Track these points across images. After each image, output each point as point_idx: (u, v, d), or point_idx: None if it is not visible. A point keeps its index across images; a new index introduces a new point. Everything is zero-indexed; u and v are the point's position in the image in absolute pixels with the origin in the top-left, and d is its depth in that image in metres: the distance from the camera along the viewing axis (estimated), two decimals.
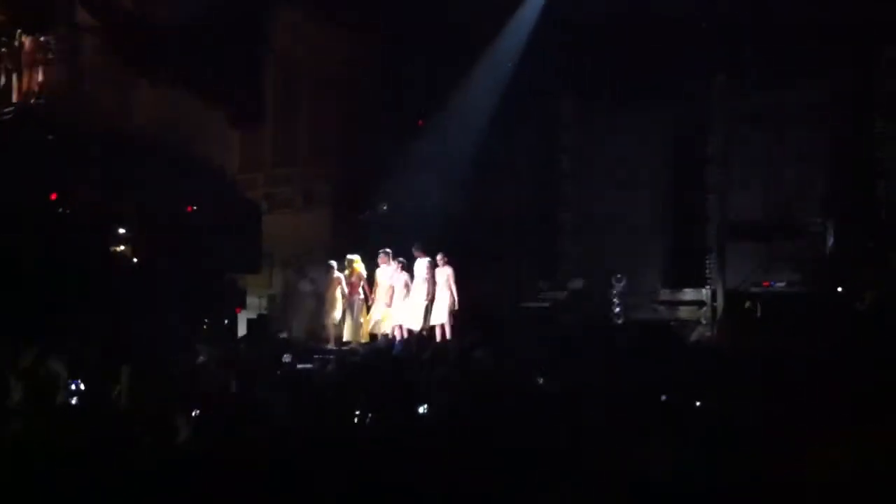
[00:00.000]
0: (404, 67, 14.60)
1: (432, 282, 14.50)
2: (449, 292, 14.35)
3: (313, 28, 14.82)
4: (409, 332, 14.33)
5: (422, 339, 13.37)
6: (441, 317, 14.36)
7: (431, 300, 14.50)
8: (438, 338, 14.17)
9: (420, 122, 15.84)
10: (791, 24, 11.98)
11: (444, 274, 14.43)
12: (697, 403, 5.94)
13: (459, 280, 14.45)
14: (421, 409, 6.46)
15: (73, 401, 7.21)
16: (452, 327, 14.33)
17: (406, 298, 14.68)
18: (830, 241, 12.13)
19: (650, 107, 14.61)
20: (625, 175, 14.87)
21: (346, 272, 15.08)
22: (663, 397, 5.99)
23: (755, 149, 13.57)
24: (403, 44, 14.12)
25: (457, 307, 14.31)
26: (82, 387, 7.59)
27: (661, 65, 13.51)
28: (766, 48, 12.40)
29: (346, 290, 15.04)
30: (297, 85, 17.16)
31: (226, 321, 17.23)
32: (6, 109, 19.27)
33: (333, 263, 15.26)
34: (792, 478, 3.06)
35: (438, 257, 14.51)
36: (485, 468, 4.03)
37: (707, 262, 14.14)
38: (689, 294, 13.58)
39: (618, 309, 13.47)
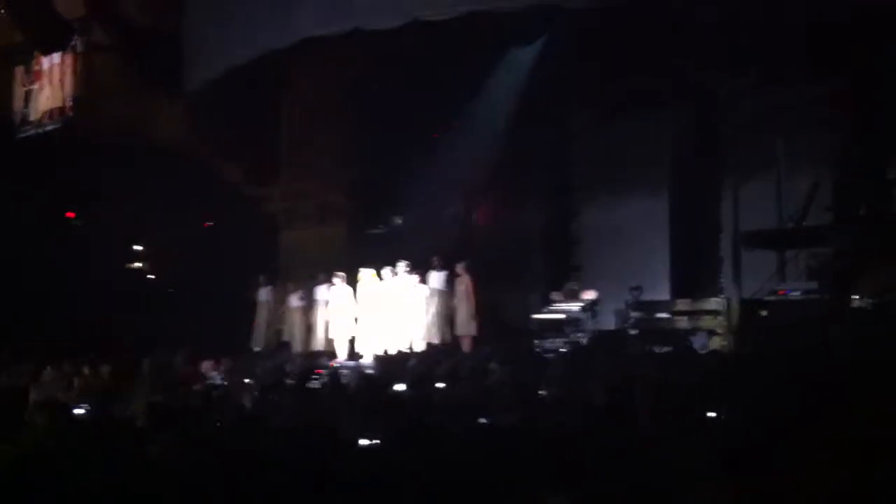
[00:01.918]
0: (418, 80, 14.64)
1: (451, 293, 14.52)
2: (468, 302, 14.36)
3: (325, 41, 14.86)
4: (429, 345, 14.32)
5: (436, 353, 13.37)
6: (464, 328, 14.37)
7: (451, 312, 14.53)
8: (464, 349, 14.17)
9: (435, 134, 15.90)
10: (796, 24, 11.89)
11: (463, 284, 14.45)
12: (712, 414, 5.91)
13: (475, 291, 14.47)
14: None
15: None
16: (474, 339, 14.34)
17: (424, 311, 14.70)
18: (845, 247, 12.01)
19: (659, 116, 14.63)
20: (635, 185, 14.89)
21: (359, 286, 15.10)
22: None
23: (766, 155, 13.53)
24: (416, 57, 14.15)
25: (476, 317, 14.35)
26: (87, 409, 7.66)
27: (668, 73, 13.53)
28: (771, 50, 12.33)
29: (358, 304, 15.05)
30: (311, 99, 17.25)
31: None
32: (26, 127, 19.55)
33: (340, 277, 15.27)
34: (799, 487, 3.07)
35: (458, 268, 14.53)
36: (499, 482, 4.04)
37: (721, 271, 14.10)
38: (704, 304, 13.51)
39: (633, 319, 13.43)
